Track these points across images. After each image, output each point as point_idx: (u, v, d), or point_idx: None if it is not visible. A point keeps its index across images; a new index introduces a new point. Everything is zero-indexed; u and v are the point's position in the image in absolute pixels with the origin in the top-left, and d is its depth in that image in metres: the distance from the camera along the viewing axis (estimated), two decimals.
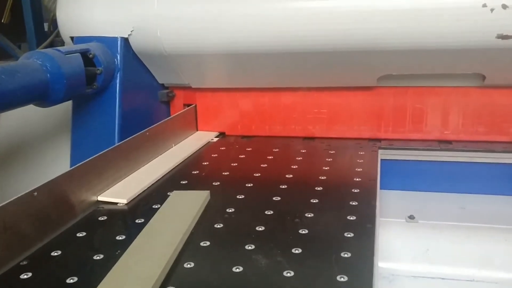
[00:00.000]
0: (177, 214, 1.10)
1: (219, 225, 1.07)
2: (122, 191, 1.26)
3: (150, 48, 1.64)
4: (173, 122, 1.72)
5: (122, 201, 1.22)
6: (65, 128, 1.76)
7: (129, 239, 0.98)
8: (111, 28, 1.63)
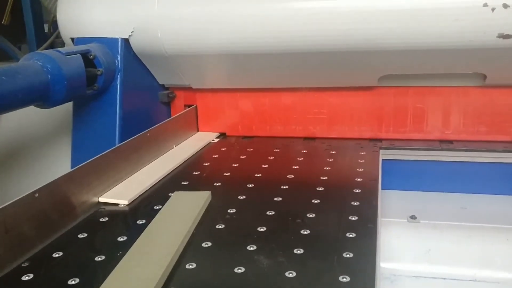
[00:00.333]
0: (178, 215, 1.10)
1: (221, 226, 1.07)
2: (123, 192, 1.26)
3: (151, 49, 1.64)
4: (174, 123, 1.72)
5: (123, 202, 1.22)
6: (66, 129, 1.76)
7: (131, 240, 0.98)
8: (112, 29, 1.63)
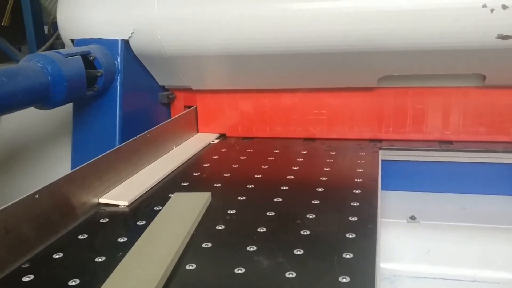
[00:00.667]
0: (179, 216, 1.10)
1: (221, 227, 1.07)
2: (124, 193, 1.27)
3: (151, 50, 1.65)
4: (174, 124, 1.72)
5: (124, 203, 1.22)
6: (66, 131, 1.76)
7: (131, 241, 0.98)
8: (112, 30, 1.63)
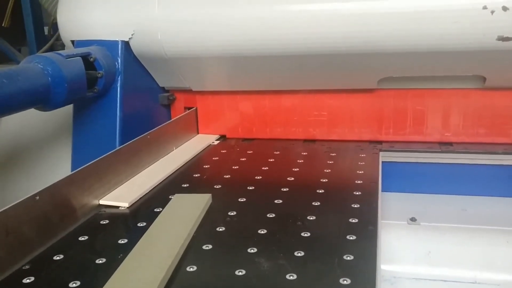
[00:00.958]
0: (179, 218, 1.10)
1: (221, 228, 1.07)
2: (124, 195, 1.26)
3: (151, 52, 1.65)
4: (174, 125, 1.72)
5: (124, 205, 1.22)
6: (66, 132, 1.76)
7: (131, 243, 0.98)
8: (112, 32, 1.63)
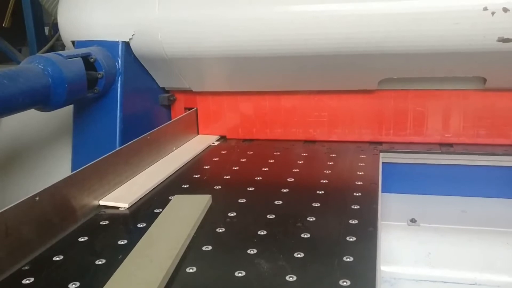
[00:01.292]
0: (179, 218, 1.10)
1: (221, 229, 1.07)
2: (124, 195, 1.26)
3: (151, 52, 1.65)
4: (174, 126, 1.72)
5: (124, 205, 1.22)
6: (66, 132, 1.76)
7: (131, 244, 0.98)
8: (112, 32, 1.63)
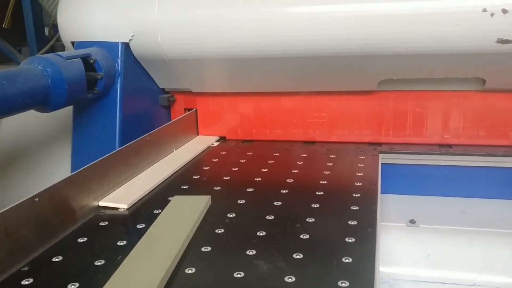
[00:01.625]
0: (178, 219, 1.10)
1: (220, 230, 1.07)
2: (123, 196, 1.27)
3: (151, 53, 1.65)
4: (174, 127, 1.72)
5: (123, 206, 1.22)
6: (66, 133, 1.76)
7: (130, 244, 0.98)
8: (112, 33, 1.63)
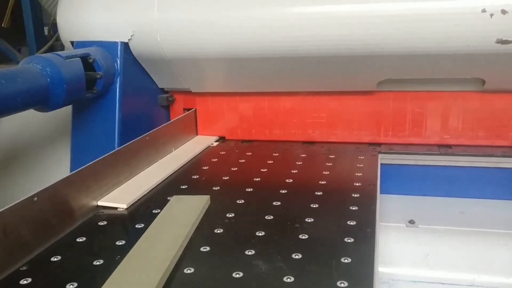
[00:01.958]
0: (177, 219, 1.10)
1: (219, 230, 1.07)
2: (122, 196, 1.26)
3: (150, 53, 1.65)
4: (173, 127, 1.72)
5: (122, 206, 1.22)
6: (65, 133, 1.76)
7: (129, 244, 0.98)
8: (111, 33, 1.63)
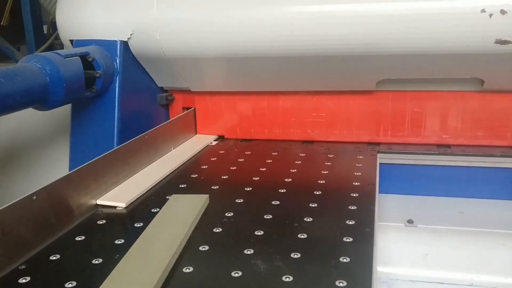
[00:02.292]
0: (176, 218, 1.10)
1: (218, 229, 1.07)
2: (121, 195, 1.26)
3: (150, 52, 1.65)
4: (172, 126, 1.72)
5: (121, 205, 1.21)
6: (64, 132, 1.76)
7: (128, 243, 0.98)
8: (111, 32, 1.63)
